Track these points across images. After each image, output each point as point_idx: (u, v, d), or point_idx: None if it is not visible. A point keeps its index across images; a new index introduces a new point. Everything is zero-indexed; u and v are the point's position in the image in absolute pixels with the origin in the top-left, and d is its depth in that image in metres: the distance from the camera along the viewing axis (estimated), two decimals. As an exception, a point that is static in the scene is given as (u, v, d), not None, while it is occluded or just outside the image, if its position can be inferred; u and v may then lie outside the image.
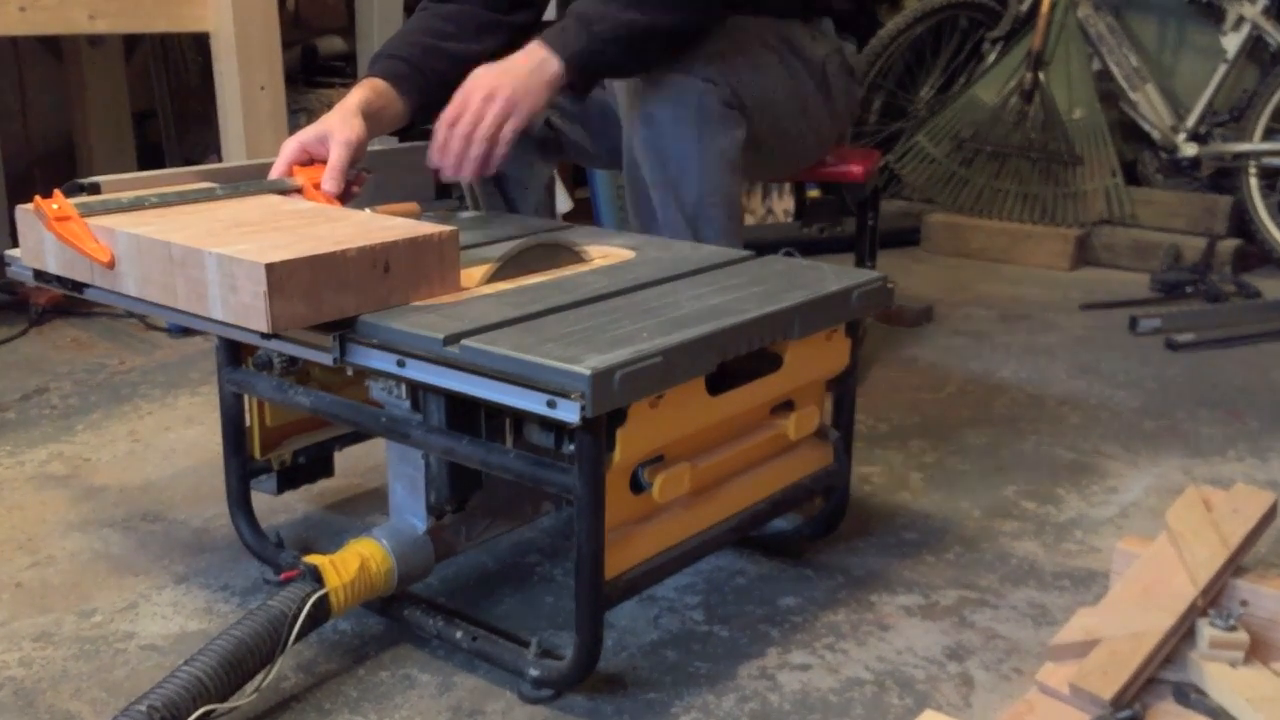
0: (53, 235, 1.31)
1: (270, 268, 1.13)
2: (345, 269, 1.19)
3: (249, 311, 1.16)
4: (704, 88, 1.64)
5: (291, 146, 1.53)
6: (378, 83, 1.65)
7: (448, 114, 1.53)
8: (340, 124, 1.52)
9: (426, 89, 1.68)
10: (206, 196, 1.44)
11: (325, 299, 1.19)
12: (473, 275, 1.34)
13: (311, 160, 1.53)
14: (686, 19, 1.60)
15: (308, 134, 1.53)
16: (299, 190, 1.50)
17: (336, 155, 1.50)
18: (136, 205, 1.37)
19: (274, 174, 1.53)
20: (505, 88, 1.51)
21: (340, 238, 1.23)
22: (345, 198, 1.50)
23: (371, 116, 1.59)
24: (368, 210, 1.44)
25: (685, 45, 1.63)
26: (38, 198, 1.34)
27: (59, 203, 1.32)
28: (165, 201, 1.40)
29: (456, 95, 1.53)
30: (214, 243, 1.20)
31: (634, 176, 1.71)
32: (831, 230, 3.29)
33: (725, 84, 1.66)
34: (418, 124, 1.73)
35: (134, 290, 1.28)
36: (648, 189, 1.70)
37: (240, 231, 1.26)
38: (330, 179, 1.49)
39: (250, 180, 1.52)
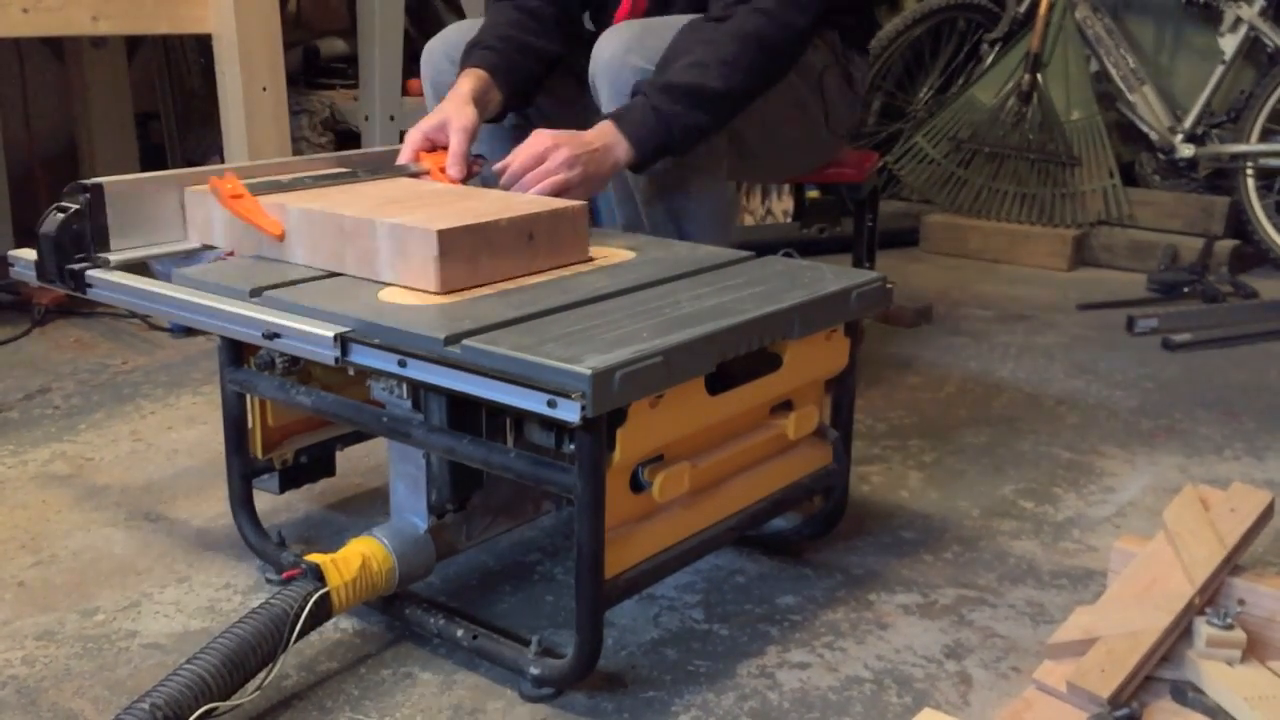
0: (227, 212, 1.45)
1: (441, 234, 1.27)
2: (499, 237, 1.34)
3: (419, 275, 1.30)
4: None
5: (415, 135, 1.66)
6: (479, 72, 1.73)
7: (522, 158, 1.55)
8: (456, 112, 1.65)
9: (515, 82, 1.78)
10: (349, 179, 1.60)
11: (482, 263, 1.33)
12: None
13: (434, 147, 1.66)
14: (733, 114, 1.66)
15: (428, 123, 1.66)
16: (426, 174, 1.64)
17: (456, 142, 1.63)
18: (295, 186, 1.53)
19: (401, 160, 1.66)
20: (582, 163, 1.54)
21: (488, 211, 1.37)
22: (466, 179, 1.63)
23: (479, 103, 1.69)
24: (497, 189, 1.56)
25: None
26: (213, 179, 1.48)
27: (231, 183, 1.46)
28: (317, 183, 1.56)
29: (530, 143, 1.55)
30: (381, 215, 1.34)
31: (619, 180, 1.73)
32: (830, 231, 3.29)
33: None
34: (510, 110, 1.82)
35: (303, 259, 1.41)
36: (632, 193, 1.72)
37: (398, 207, 1.40)
38: (453, 164, 1.62)
39: (381, 166, 1.69)
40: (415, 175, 1.63)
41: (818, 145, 1.98)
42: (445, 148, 1.64)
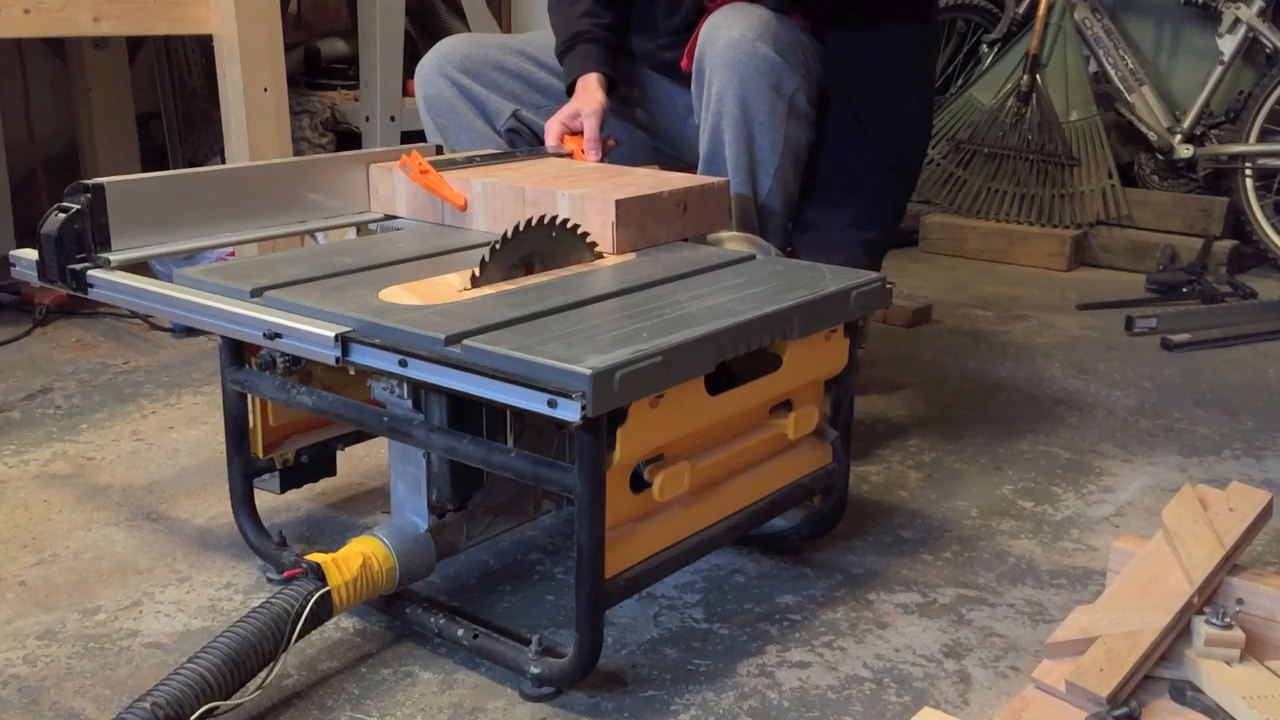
0: (416, 185, 1.63)
1: (619, 203, 1.46)
2: (660, 206, 1.52)
3: (596, 238, 1.46)
4: (799, 83, 1.74)
5: (554, 125, 1.86)
6: (596, 66, 1.91)
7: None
8: (588, 100, 1.85)
9: (613, 64, 1.95)
10: (510, 159, 1.78)
11: (646, 229, 1.51)
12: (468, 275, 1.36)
13: (572, 133, 1.87)
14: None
15: (564, 114, 1.87)
16: (570, 155, 1.83)
17: (590, 127, 1.83)
18: (468, 164, 1.71)
19: (548, 145, 1.87)
20: None
21: (647, 185, 1.54)
22: (603, 157, 1.83)
23: (605, 90, 1.89)
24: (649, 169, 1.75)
25: None
26: (403, 157, 1.66)
27: (418, 161, 1.64)
28: (485, 162, 1.74)
29: None
30: (559, 187, 1.52)
31: (715, 146, 1.78)
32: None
33: (814, 84, 1.77)
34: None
35: (482, 226, 1.59)
36: (725, 162, 1.77)
37: (566, 180, 1.58)
38: (590, 147, 1.82)
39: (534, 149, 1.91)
40: (562, 156, 1.82)
41: None
42: (581, 133, 1.84)
